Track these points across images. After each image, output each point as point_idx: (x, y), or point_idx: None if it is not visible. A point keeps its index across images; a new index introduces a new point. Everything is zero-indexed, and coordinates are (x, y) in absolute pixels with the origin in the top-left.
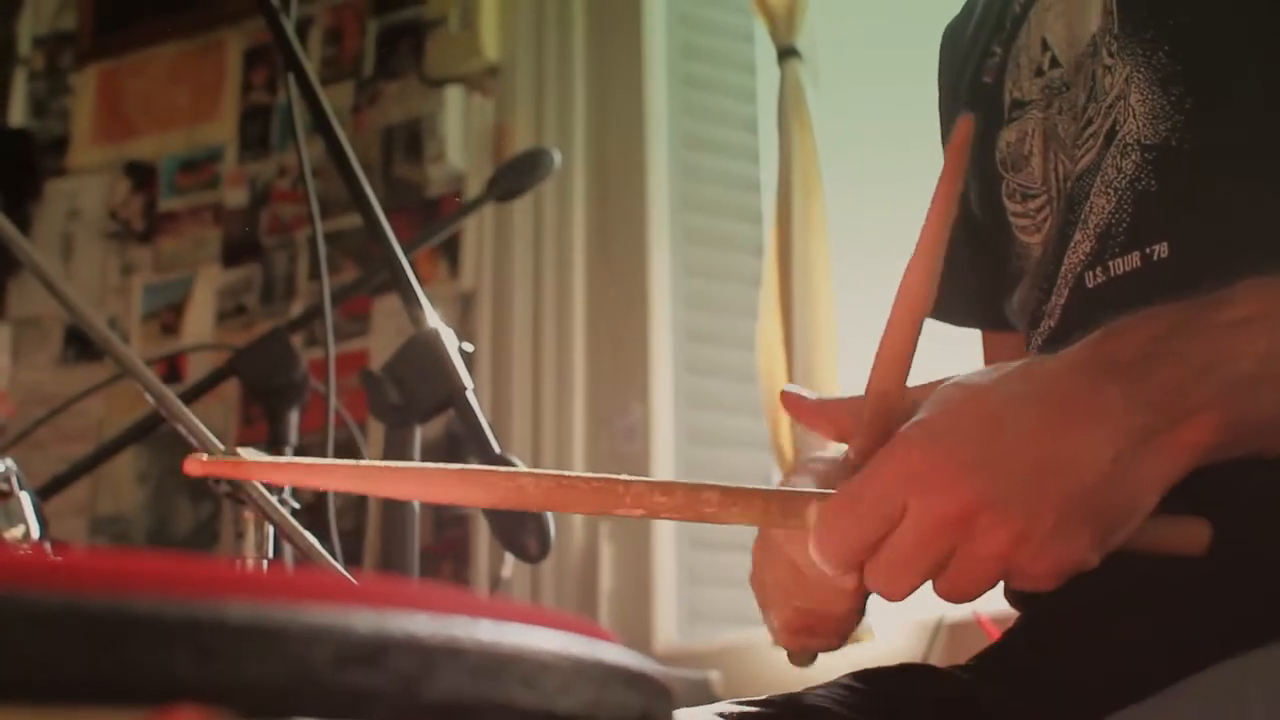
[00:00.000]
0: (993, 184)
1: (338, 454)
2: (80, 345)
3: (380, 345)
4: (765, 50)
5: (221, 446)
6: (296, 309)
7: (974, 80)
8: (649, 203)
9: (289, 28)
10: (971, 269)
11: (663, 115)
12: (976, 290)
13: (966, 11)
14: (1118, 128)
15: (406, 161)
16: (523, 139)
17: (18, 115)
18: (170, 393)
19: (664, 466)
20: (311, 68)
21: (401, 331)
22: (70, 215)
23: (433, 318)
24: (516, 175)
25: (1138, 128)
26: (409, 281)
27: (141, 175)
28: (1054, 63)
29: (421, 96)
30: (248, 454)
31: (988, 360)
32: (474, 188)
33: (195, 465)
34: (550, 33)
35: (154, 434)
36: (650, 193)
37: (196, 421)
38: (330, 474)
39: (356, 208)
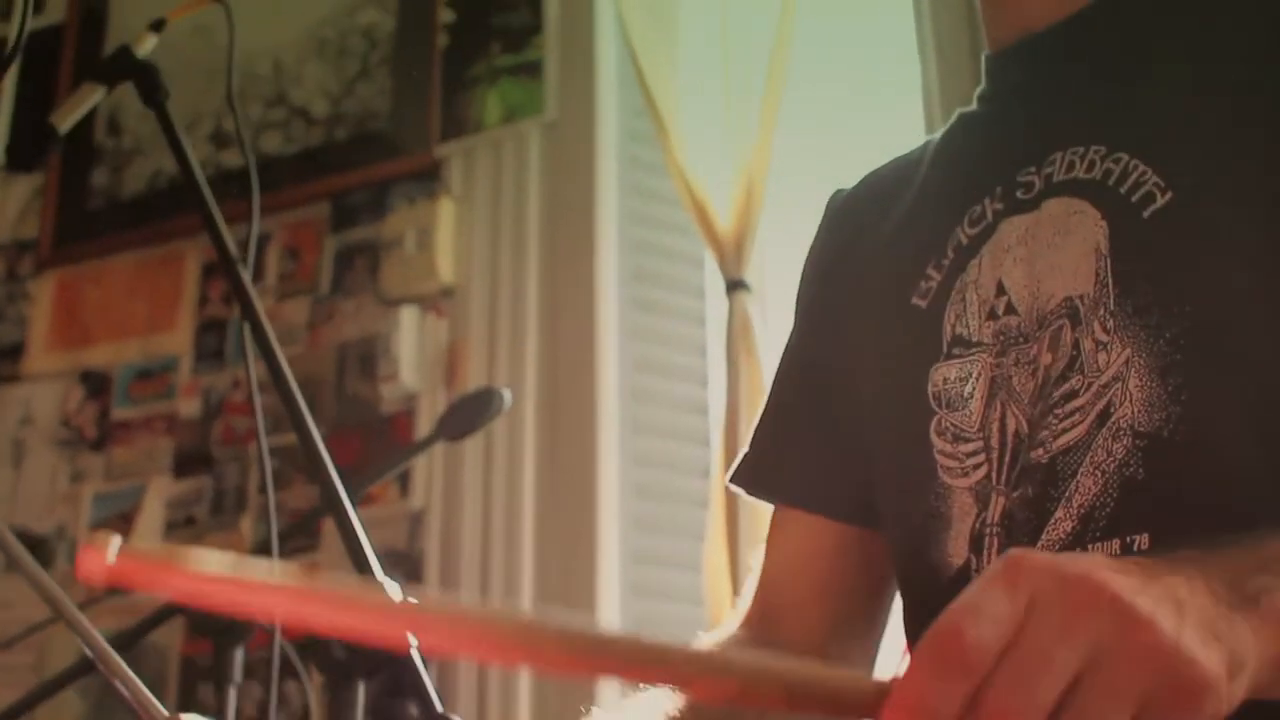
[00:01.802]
0: (920, 415)
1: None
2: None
3: (330, 560)
4: (716, 275)
5: (163, 711)
6: (246, 522)
7: (900, 300)
8: (598, 425)
9: (241, 266)
10: (832, 447)
11: (613, 337)
12: (829, 468)
13: (867, 191)
14: (1112, 410)
15: (361, 379)
16: (476, 360)
17: None
18: (106, 645)
19: (609, 684)
20: (260, 303)
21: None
22: (23, 422)
23: (377, 570)
24: (466, 415)
25: (1133, 413)
26: (352, 530)
27: (96, 383)
28: (1010, 309)
29: (377, 315)
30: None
31: (780, 540)
32: (426, 407)
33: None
34: (504, 255)
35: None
36: (600, 415)
37: (132, 676)
38: (270, 592)
39: (300, 443)
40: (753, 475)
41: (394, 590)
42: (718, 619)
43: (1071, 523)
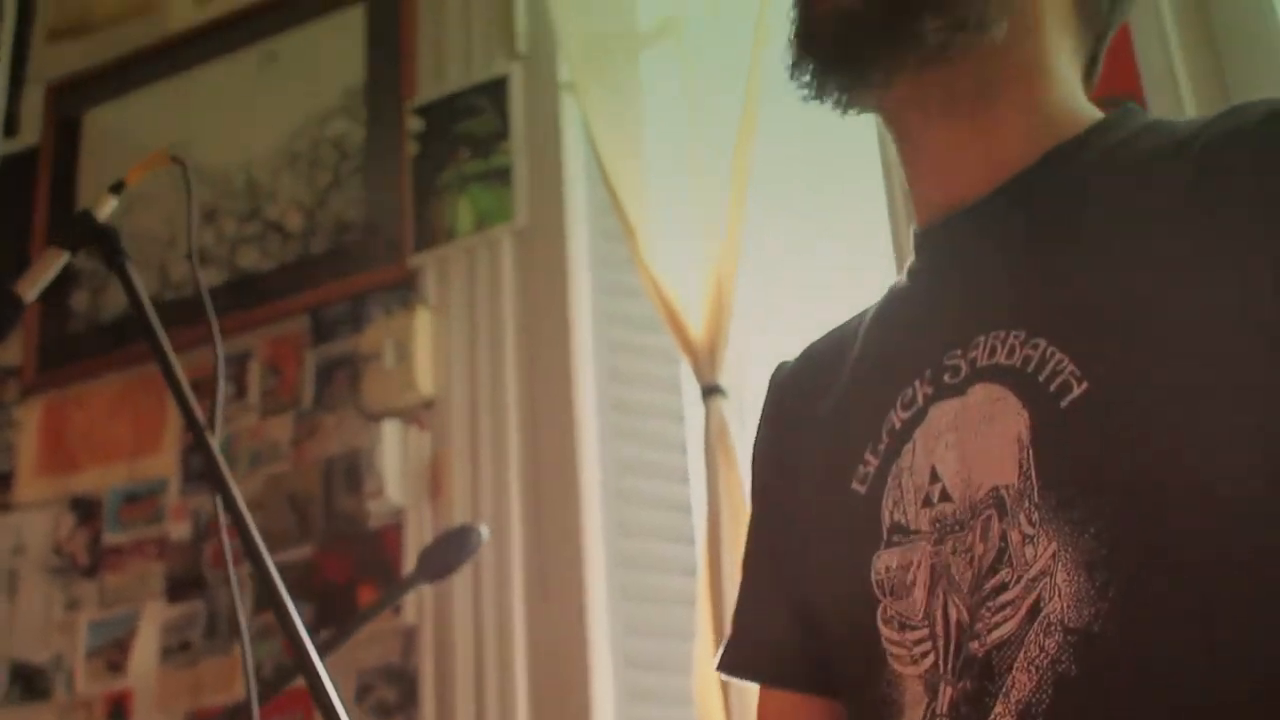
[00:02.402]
0: (866, 603)
1: None
2: (24, 683)
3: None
4: (691, 376)
5: None
6: (244, 624)
7: (840, 486)
8: (583, 528)
9: (210, 434)
10: (801, 625)
11: (594, 440)
12: (800, 645)
13: (806, 368)
14: (1042, 605)
15: (347, 493)
16: (459, 471)
17: None
18: None
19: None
20: (227, 470)
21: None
22: (15, 551)
23: None
24: (445, 554)
25: (1062, 609)
26: (323, 691)
27: (86, 509)
28: (945, 496)
29: (359, 429)
30: None
31: (766, 715)
32: (413, 521)
33: None
34: (482, 363)
35: None
36: (584, 518)
37: None
38: None
39: (271, 607)
40: (733, 659)
41: None
42: (707, 716)
43: (1011, 719)
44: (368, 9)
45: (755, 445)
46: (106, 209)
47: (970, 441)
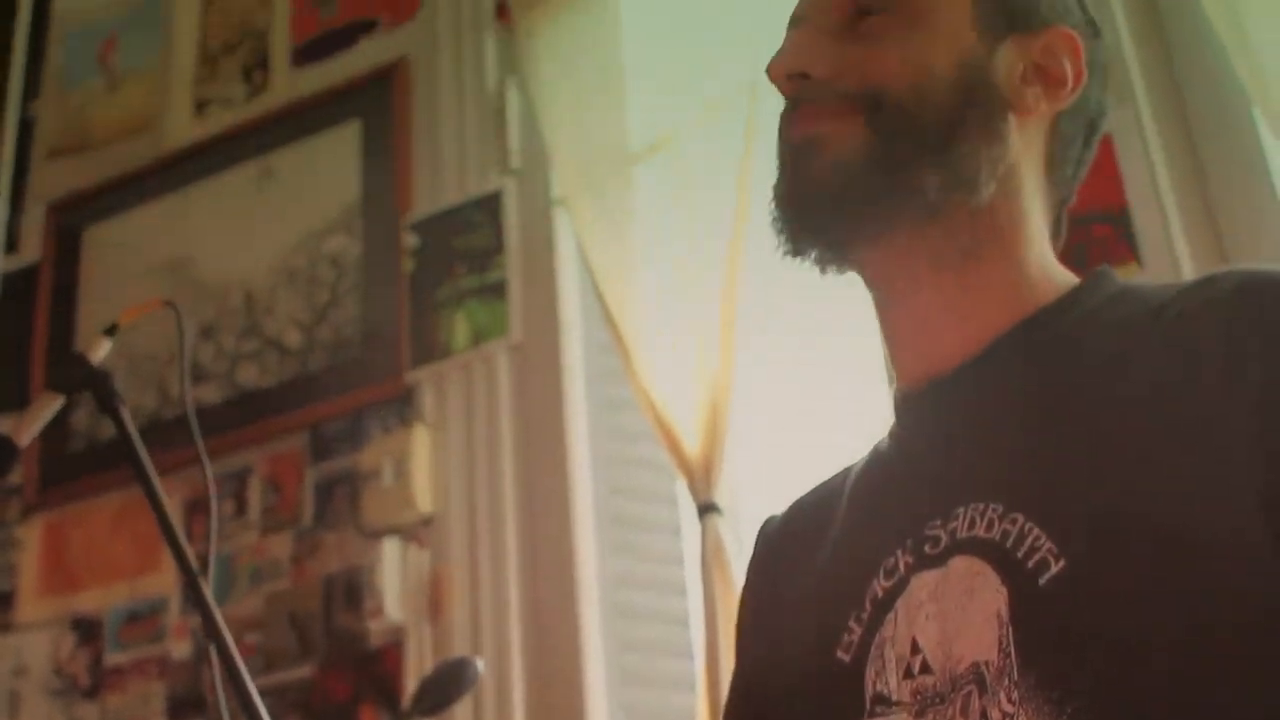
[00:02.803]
0: None
1: None
2: None
3: None
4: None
5: None
6: None
7: (825, 653)
8: (583, 644)
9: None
10: None
11: (592, 555)
12: None
13: (792, 525)
14: None
15: (348, 611)
16: (458, 588)
17: None
18: None
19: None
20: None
21: None
22: (16, 673)
23: None
24: (442, 688)
25: None
26: None
27: (87, 629)
28: (925, 668)
29: (359, 547)
30: None
31: None
32: (414, 640)
33: None
34: (480, 480)
35: None
36: (584, 635)
37: None
38: None
39: None
40: None
41: None
42: None
43: None
44: (363, 125)
45: (741, 600)
46: (100, 352)
47: (951, 614)
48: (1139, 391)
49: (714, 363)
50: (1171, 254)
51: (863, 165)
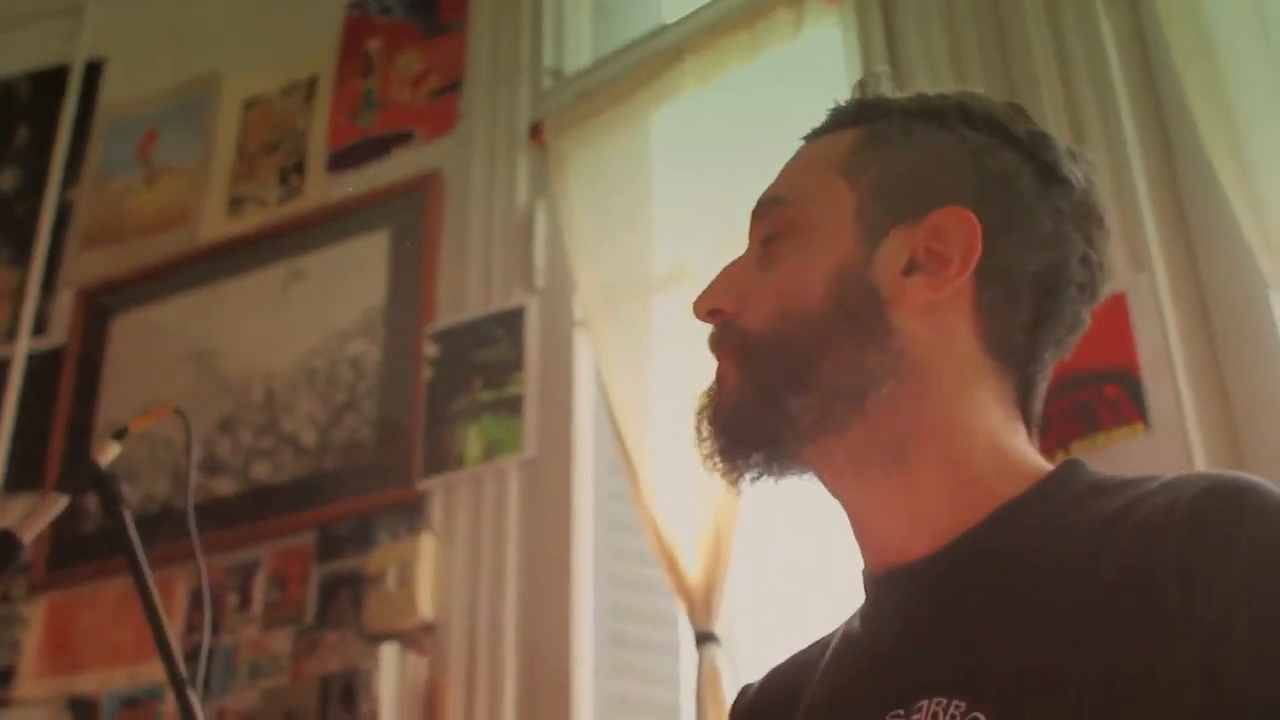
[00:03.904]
0: None
1: None
2: None
3: None
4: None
5: None
6: None
7: None
8: None
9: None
10: None
11: (590, 675)
12: None
13: (767, 698)
14: None
15: (343, 712)
16: (455, 699)
17: None
18: None
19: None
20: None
21: None
22: None
23: None
24: None
25: None
26: None
27: (84, 710)
28: None
29: (359, 650)
30: None
31: None
32: None
33: None
34: (483, 593)
35: None
36: None
37: None
38: None
39: None
40: None
41: None
42: None
43: None
44: (392, 233)
45: None
46: (109, 455)
47: None
48: (1098, 599)
49: (719, 492)
50: (1180, 419)
51: (737, 404)
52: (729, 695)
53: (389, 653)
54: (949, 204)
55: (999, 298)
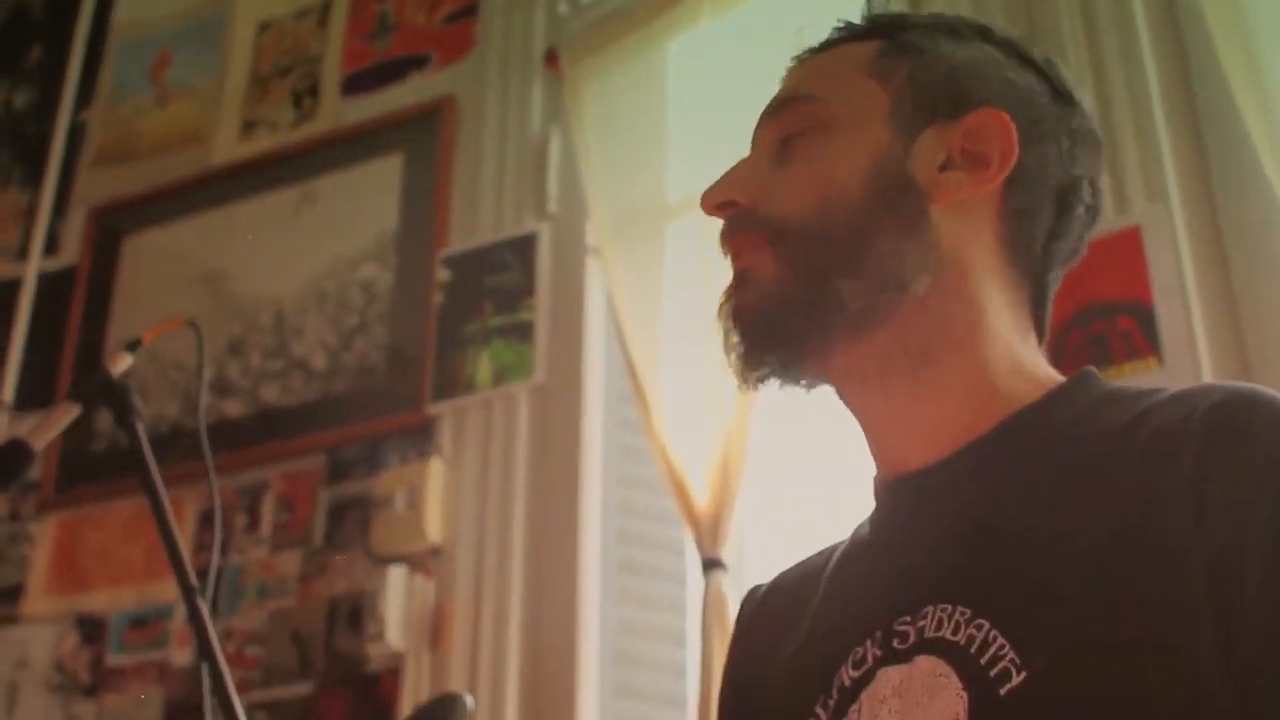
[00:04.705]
0: None
1: None
2: None
3: None
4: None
5: None
6: None
7: None
8: (579, 684)
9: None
10: None
11: (596, 600)
12: None
13: (775, 601)
14: None
15: (349, 634)
16: (461, 622)
17: None
18: None
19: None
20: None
21: None
22: (18, 665)
23: None
24: None
25: None
26: None
27: (91, 628)
28: None
29: (366, 572)
30: None
31: None
32: (412, 668)
33: None
34: (491, 517)
35: None
36: (581, 678)
37: None
38: None
39: None
40: None
41: None
42: None
43: None
44: (405, 159)
45: (724, 671)
46: (122, 366)
47: (911, 712)
48: (1108, 509)
49: (729, 420)
50: (1193, 353)
51: (780, 289)
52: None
53: (396, 575)
54: (989, 105)
55: (1024, 205)
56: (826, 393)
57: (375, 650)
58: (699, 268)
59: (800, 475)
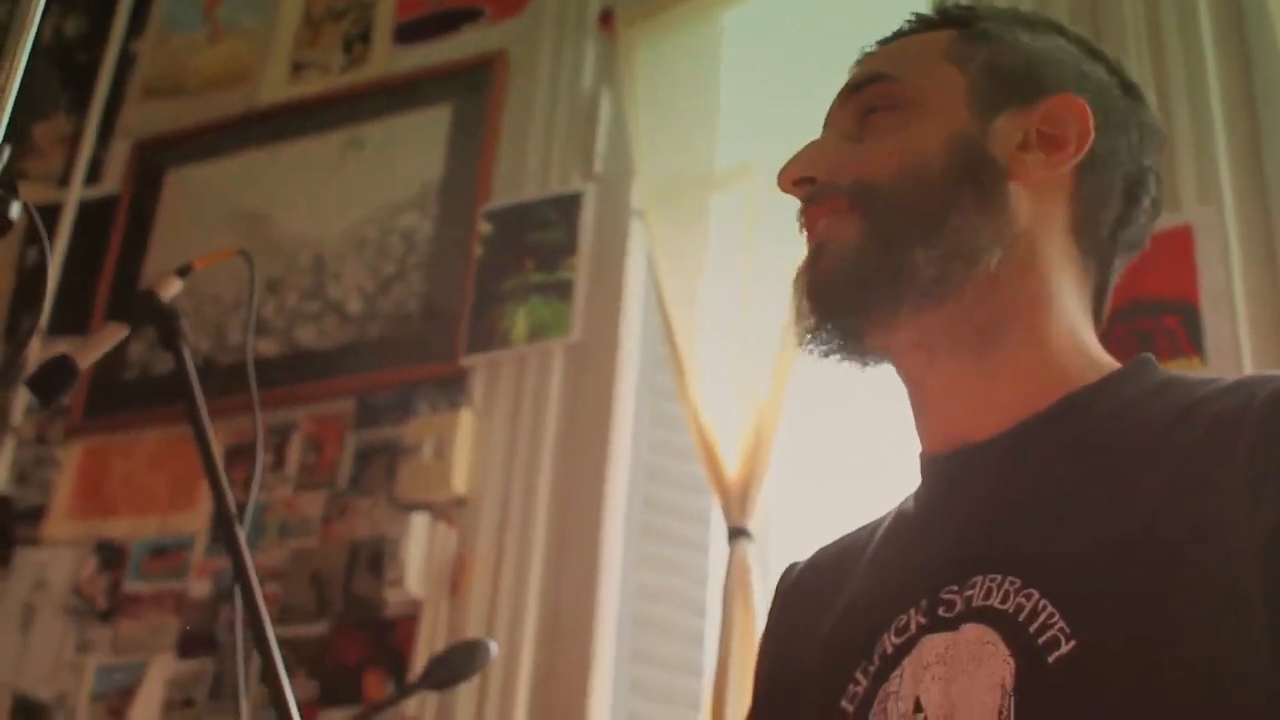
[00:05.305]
0: None
1: None
2: (27, 717)
3: None
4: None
5: None
6: (245, 710)
7: (831, 701)
8: (595, 644)
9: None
10: None
11: (618, 563)
12: None
13: (814, 575)
14: None
15: (369, 578)
16: (481, 574)
17: (0, 481)
18: None
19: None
20: (252, 562)
21: None
22: (36, 586)
23: None
24: (453, 665)
25: None
26: None
27: (111, 555)
28: None
29: (389, 517)
30: None
31: None
32: (429, 616)
33: None
34: (518, 472)
35: None
36: (597, 639)
37: None
38: None
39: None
40: None
41: None
42: None
43: None
44: (454, 110)
45: (760, 643)
46: (171, 290)
47: (956, 679)
48: (1164, 490)
49: (764, 393)
50: (1236, 355)
51: (858, 255)
52: (758, 591)
53: (419, 522)
54: (1064, 93)
55: (1095, 190)
56: (868, 376)
57: (394, 596)
58: (742, 239)
59: (830, 454)
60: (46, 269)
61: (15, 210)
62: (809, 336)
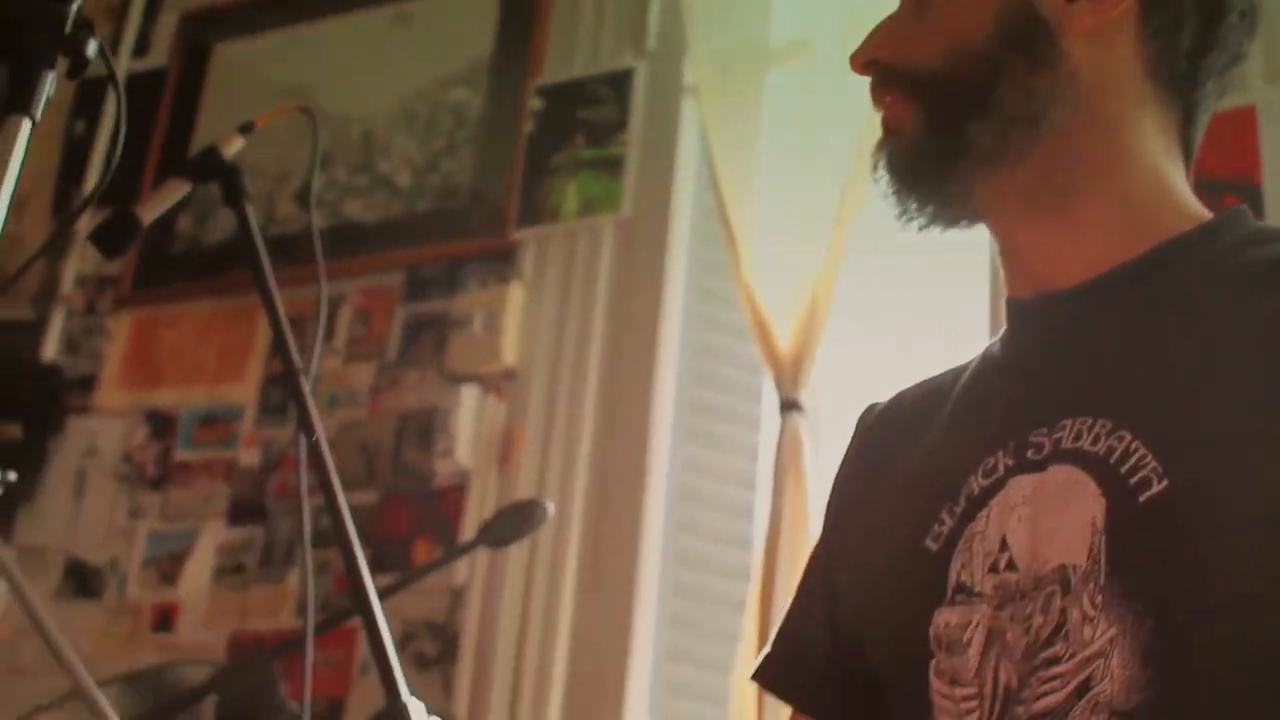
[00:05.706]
0: (921, 655)
1: None
2: (79, 581)
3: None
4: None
5: None
6: (294, 577)
7: (914, 540)
8: (644, 520)
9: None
10: (841, 665)
11: (666, 437)
12: (837, 682)
13: (895, 415)
14: (1092, 684)
15: (418, 449)
16: (530, 445)
17: (51, 350)
18: None
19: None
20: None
21: None
22: (88, 453)
23: (405, 693)
24: (509, 524)
25: (1112, 691)
26: (379, 637)
27: (161, 424)
28: (1011, 565)
29: (439, 389)
30: None
31: None
32: (478, 486)
33: None
34: (568, 346)
35: None
36: (647, 510)
37: None
38: None
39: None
40: (773, 675)
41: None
42: None
43: None
44: None
45: (835, 479)
46: (233, 148)
47: (1043, 518)
48: (1257, 337)
49: (818, 266)
50: None
51: (921, 140)
52: (809, 465)
53: (469, 394)
54: None
55: (1163, 22)
56: (920, 241)
57: (443, 466)
58: (798, 116)
59: (881, 328)
60: (93, 141)
61: (92, 48)
62: (897, 209)
